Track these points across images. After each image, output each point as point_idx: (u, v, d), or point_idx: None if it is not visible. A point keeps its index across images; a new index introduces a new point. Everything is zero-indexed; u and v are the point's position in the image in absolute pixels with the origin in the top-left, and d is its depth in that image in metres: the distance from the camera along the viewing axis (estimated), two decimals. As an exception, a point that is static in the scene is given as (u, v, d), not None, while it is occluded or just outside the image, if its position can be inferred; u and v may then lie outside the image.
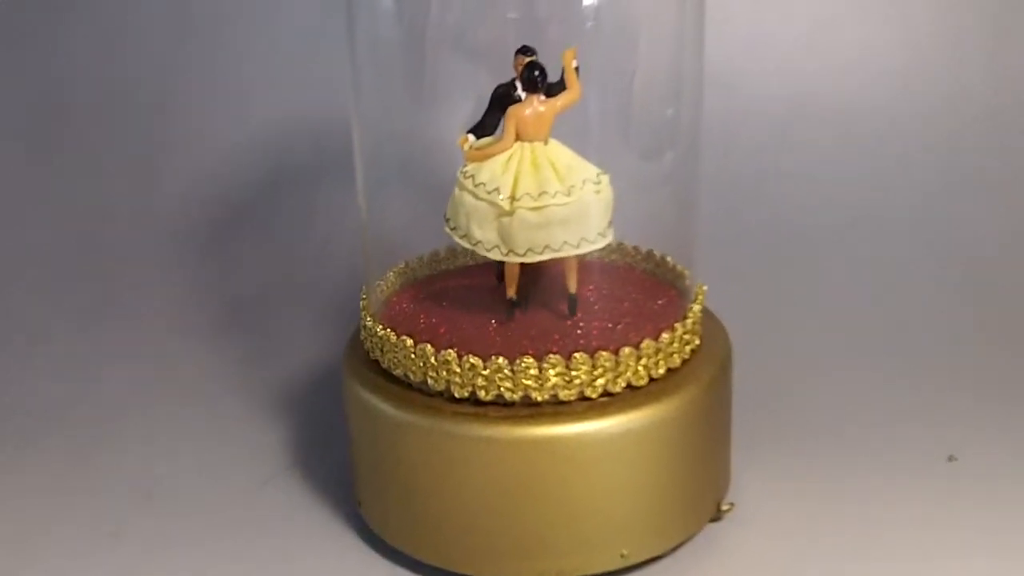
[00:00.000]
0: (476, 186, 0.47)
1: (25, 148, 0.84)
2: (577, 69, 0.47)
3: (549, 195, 0.46)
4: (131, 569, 0.51)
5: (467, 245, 0.48)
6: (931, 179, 0.76)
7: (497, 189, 0.47)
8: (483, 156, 0.47)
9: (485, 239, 0.47)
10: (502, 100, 0.48)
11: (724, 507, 0.51)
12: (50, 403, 0.66)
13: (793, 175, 0.76)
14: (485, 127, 0.49)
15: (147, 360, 0.71)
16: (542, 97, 0.47)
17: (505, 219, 0.47)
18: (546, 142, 0.48)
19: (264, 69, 0.81)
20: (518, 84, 0.48)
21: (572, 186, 0.47)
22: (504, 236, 0.47)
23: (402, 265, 0.55)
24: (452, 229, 0.48)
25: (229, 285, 0.78)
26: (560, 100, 0.47)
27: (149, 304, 0.77)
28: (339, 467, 0.56)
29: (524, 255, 0.47)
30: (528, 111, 0.47)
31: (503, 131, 0.47)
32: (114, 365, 0.71)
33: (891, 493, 0.53)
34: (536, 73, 0.47)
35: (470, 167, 0.47)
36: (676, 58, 0.51)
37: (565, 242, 0.47)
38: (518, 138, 0.47)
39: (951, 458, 0.55)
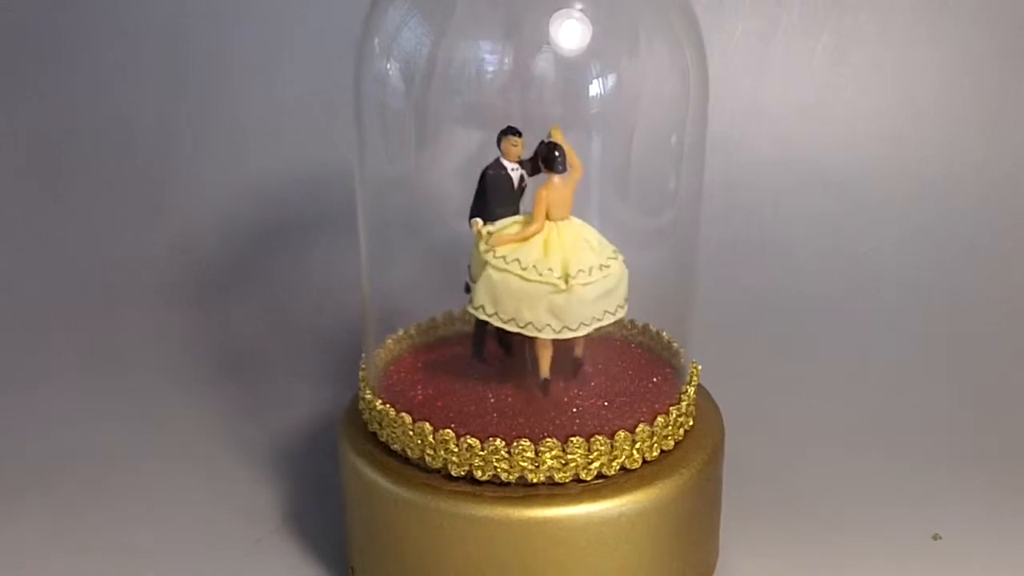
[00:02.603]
0: (524, 269, 0.47)
1: (22, 198, 0.84)
2: None
3: (597, 269, 0.48)
4: None
5: (513, 329, 0.48)
6: (926, 250, 0.77)
7: (551, 269, 0.47)
8: (515, 240, 0.48)
9: (536, 319, 0.48)
10: (503, 184, 0.49)
11: (713, 584, 0.52)
12: (40, 457, 0.66)
13: (790, 244, 0.77)
14: (492, 212, 0.49)
15: (140, 414, 0.71)
16: (561, 177, 0.48)
17: (559, 297, 0.47)
18: (568, 218, 0.49)
19: (263, 120, 0.82)
20: (506, 163, 0.49)
21: (609, 258, 0.49)
22: (558, 314, 0.48)
23: (400, 332, 0.56)
24: (491, 315, 0.48)
25: (224, 337, 0.78)
26: (573, 178, 0.48)
27: (143, 356, 0.77)
28: (332, 526, 0.57)
29: (577, 329, 0.48)
30: (556, 192, 0.48)
31: (535, 214, 0.48)
32: (106, 419, 0.71)
33: (877, 570, 0.54)
34: (557, 154, 0.48)
35: (504, 251, 0.48)
36: (678, 141, 0.52)
37: (605, 311, 0.49)
38: (547, 218, 0.48)
39: (936, 537, 0.56)
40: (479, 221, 0.49)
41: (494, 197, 0.49)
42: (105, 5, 0.83)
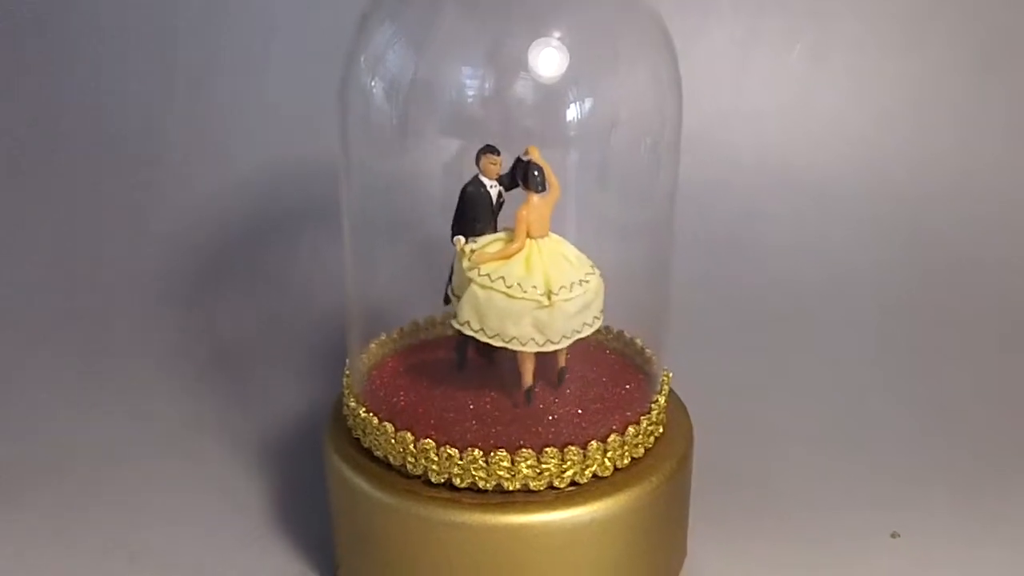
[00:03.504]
0: (509, 287, 0.49)
1: (11, 196, 0.85)
2: None
3: (577, 285, 0.50)
4: None
5: (499, 343, 0.50)
6: (899, 253, 0.79)
7: (535, 286, 0.49)
8: (497, 258, 0.50)
9: (520, 334, 0.50)
10: (482, 201, 0.51)
11: (681, 581, 0.54)
12: (29, 455, 0.68)
13: (764, 245, 0.79)
14: (472, 228, 0.51)
15: (129, 411, 0.73)
16: (540, 196, 0.50)
17: (543, 313, 0.49)
18: (547, 235, 0.51)
19: (251, 116, 0.83)
20: (485, 180, 0.51)
21: (587, 273, 0.51)
22: (542, 328, 0.50)
23: (383, 337, 0.58)
24: (477, 330, 0.50)
25: (213, 332, 0.79)
26: (551, 197, 0.50)
27: (132, 352, 0.78)
28: (319, 522, 0.59)
29: (559, 342, 0.50)
30: (535, 211, 0.50)
31: (516, 233, 0.50)
32: (96, 415, 0.72)
33: (837, 567, 0.56)
34: (536, 173, 0.50)
35: (488, 269, 0.49)
36: (652, 156, 0.54)
37: (584, 323, 0.51)
38: (527, 236, 0.50)
39: (894, 535, 0.59)
40: (461, 239, 0.50)
41: (474, 213, 0.51)
42: (96, 2, 0.84)
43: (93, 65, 0.84)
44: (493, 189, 0.51)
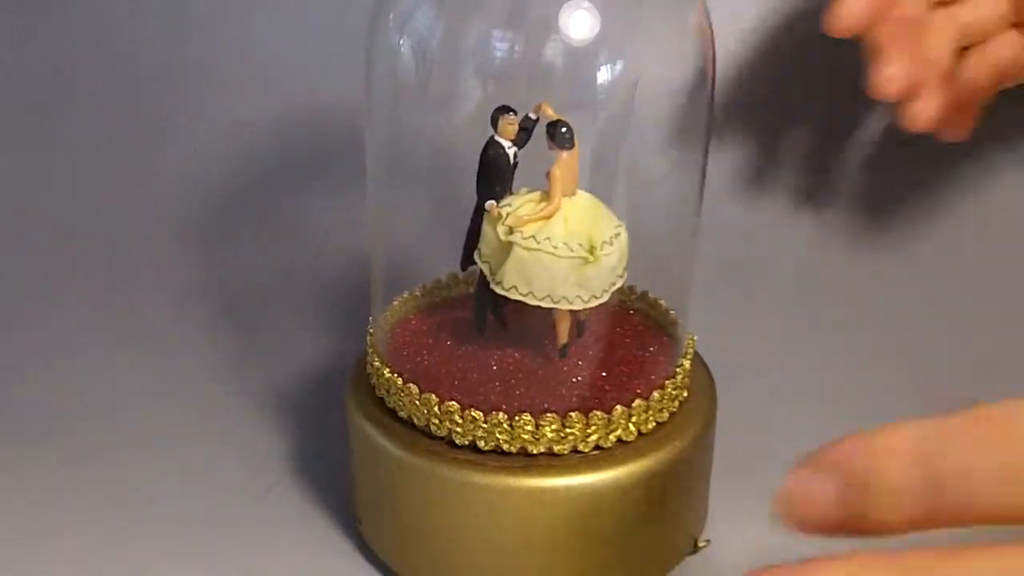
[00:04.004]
0: (556, 247, 0.49)
1: (26, 137, 0.84)
2: None
3: (614, 238, 0.50)
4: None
5: (548, 305, 0.50)
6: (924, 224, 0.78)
7: (580, 244, 0.49)
8: (535, 219, 0.49)
9: (568, 293, 0.50)
10: (503, 163, 0.50)
11: (701, 543, 0.54)
12: (40, 403, 0.68)
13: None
14: (499, 193, 0.50)
15: (145, 359, 0.73)
16: (569, 152, 0.49)
17: (588, 269, 0.49)
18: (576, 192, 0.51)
19: (270, 58, 0.82)
20: (502, 141, 0.50)
21: (616, 226, 0.51)
22: (585, 284, 0.50)
23: (406, 295, 0.58)
24: (525, 294, 0.50)
25: (229, 280, 0.79)
26: (576, 153, 0.50)
27: (148, 299, 0.78)
28: (338, 473, 0.59)
29: (600, 297, 0.50)
30: (567, 169, 0.49)
31: (551, 192, 0.49)
32: (110, 364, 0.72)
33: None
34: (564, 130, 0.49)
35: (530, 231, 0.49)
36: (680, 120, 0.53)
37: (618, 276, 0.51)
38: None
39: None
40: (495, 205, 0.50)
41: (497, 176, 0.50)
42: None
43: (107, 7, 0.83)
44: (511, 150, 0.51)
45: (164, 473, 0.62)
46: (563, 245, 0.49)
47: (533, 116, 0.51)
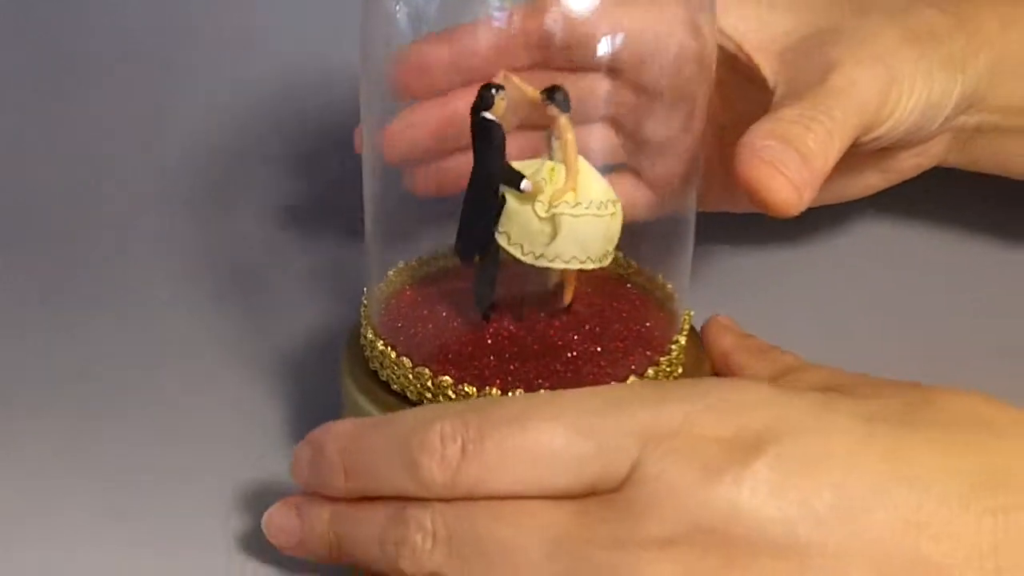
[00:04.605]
0: (599, 208, 0.49)
1: (23, 101, 0.83)
2: None
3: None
4: (132, 550, 0.53)
5: (594, 266, 0.50)
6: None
7: (612, 200, 0.49)
8: (568, 188, 0.48)
9: (601, 251, 0.50)
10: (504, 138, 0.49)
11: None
12: (42, 372, 0.67)
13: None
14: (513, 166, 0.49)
15: (143, 324, 0.72)
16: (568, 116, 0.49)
17: (614, 224, 0.50)
18: None
19: (266, 27, 0.81)
20: (492, 117, 0.48)
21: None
22: (612, 239, 0.50)
23: (401, 264, 0.57)
24: (584, 261, 0.49)
25: (227, 244, 0.78)
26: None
27: (146, 264, 0.78)
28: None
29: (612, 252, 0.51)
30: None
31: (570, 157, 0.48)
32: (109, 331, 0.72)
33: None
34: (563, 95, 0.48)
35: (570, 199, 0.48)
36: (679, 90, 0.52)
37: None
38: None
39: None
40: (536, 181, 0.48)
41: (503, 157, 0.49)
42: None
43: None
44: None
45: (161, 437, 0.61)
46: (603, 205, 0.49)
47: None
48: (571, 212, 0.48)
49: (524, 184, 0.48)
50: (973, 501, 0.36)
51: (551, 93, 0.48)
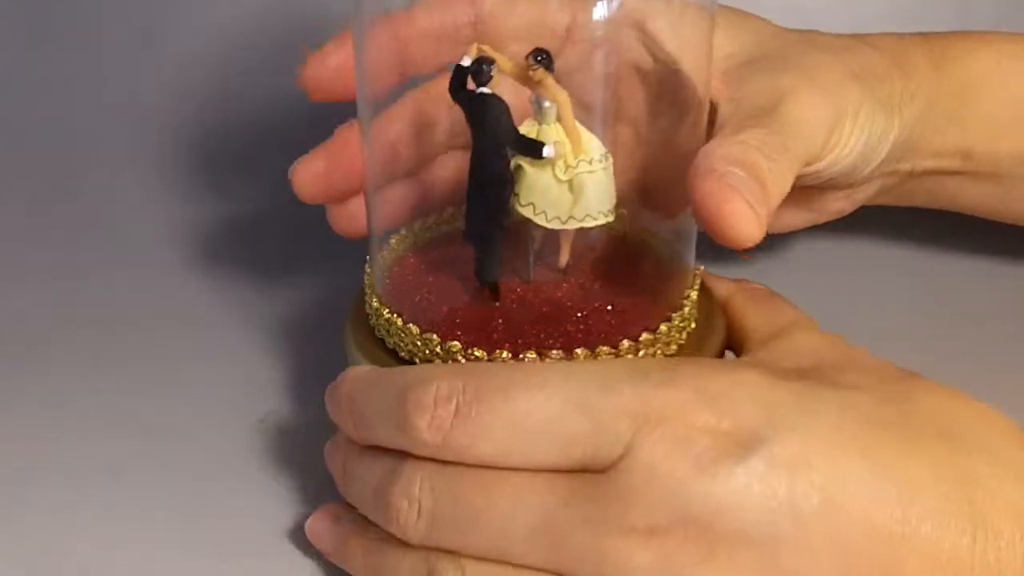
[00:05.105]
0: (601, 160, 0.48)
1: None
2: None
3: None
4: (131, 507, 0.53)
5: (604, 222, 0.49)
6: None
7: (606, 154, 0.48)
8: (577, 149, 0.48)
9: (605, 207, 0.49)
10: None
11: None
12: (32, 327, 0.67)
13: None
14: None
15: (144, 283, 0.71)
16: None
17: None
18: None
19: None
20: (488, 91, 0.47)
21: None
22: (612, 195, 0.49)
23: (403, 231, 0.56)
24: (608, 213, 0.49)
25: (229, 206, 0.77)
26: None
27: (136, 223, 0.77)
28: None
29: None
30: None
31: (567, 114, 0.47)
32: (110, 288, 0.71)
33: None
34: (546, 56, 0.47)
35: (583, 157, 0.48)
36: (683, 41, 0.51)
37: None
38: None
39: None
40: (556, 145, 0.47)
41: (512, 123, 0.48)
42: None
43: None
44: None
45: (160, 399, 0.61)
46: (602, 158, 0.48)
47: (467, 62, 0.47)
48: (589, 170, 0.47)
49: (547, 151, 0.47)
50: (952, 518, 0.38)
51: (536, 56, 0.47)
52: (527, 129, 0.48)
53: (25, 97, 0.84)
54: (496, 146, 0.47)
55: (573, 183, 0.48)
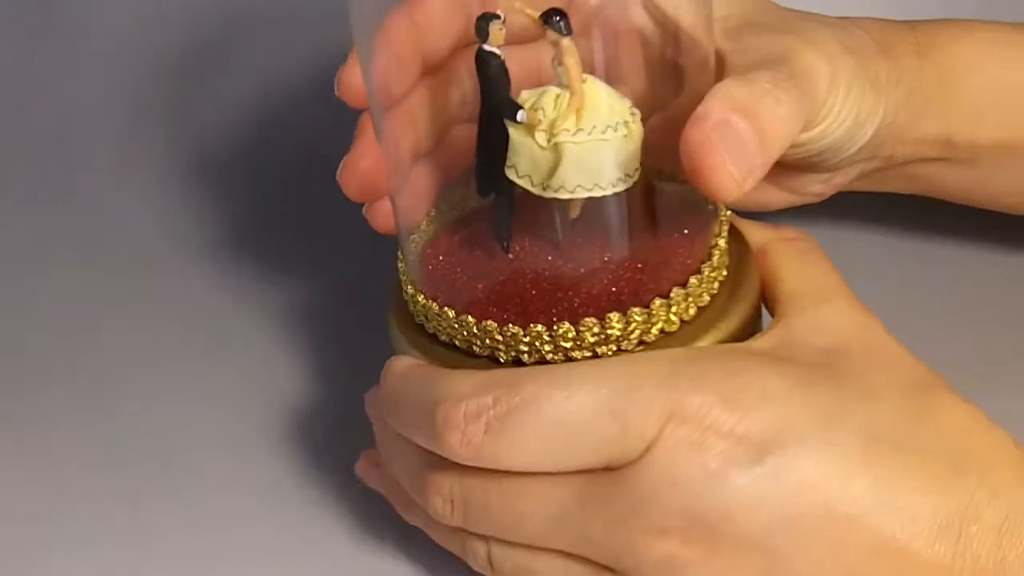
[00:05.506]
0: (603, 133, 0.48)
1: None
2: None
3: (634, 113, 0.49)
4: (151, 539, 0.55)
5: (605, 193, 0.49)
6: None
7: (617, 124, 0.48)
8: (571, 115, 0.47)
9: (613, 177, 0.49)
10: (506, 72, 0.48)
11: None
12: (46, 349, 0.68)
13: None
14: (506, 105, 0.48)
15: (152, 290, 0.73)
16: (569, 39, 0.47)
17: (630, 145, 0.49)
18: None
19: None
20: (495, 51, 0.47)
21: (632, 106, 0.49)
22: (625, 165, 0.49)
23: (432, 212, 0.57)
24: (591, 188, 0.48)
25: (229, 199, 0.79)
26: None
27: (150, 232, 0.78)
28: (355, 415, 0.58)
29: (634, 175, 0.49)
30: (577, 56, 0.47)
31: (574, 79, 0.47)
32: (119, 286, 0.73)
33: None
34: (560, 18, 0.47)
35: (573, 127, 0.47)
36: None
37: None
38: None
39: None
40: (532, 112, 0.47)
41: (504, 88, 0.48)
42: None
43: None
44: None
45: (178, 425, 0.62)
46: (609, 128, 0.48)
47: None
48: (572, 140, 0.47)
49: (520, 115, 0.47)
50: (942, 545, 0.40)
51: (548, 17, 0.47)
52: (539, 91, 0.48)
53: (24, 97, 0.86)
54: (489, 105, 0.48)
55: (557, 150, 0.48)
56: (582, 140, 0.47)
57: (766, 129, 0.46)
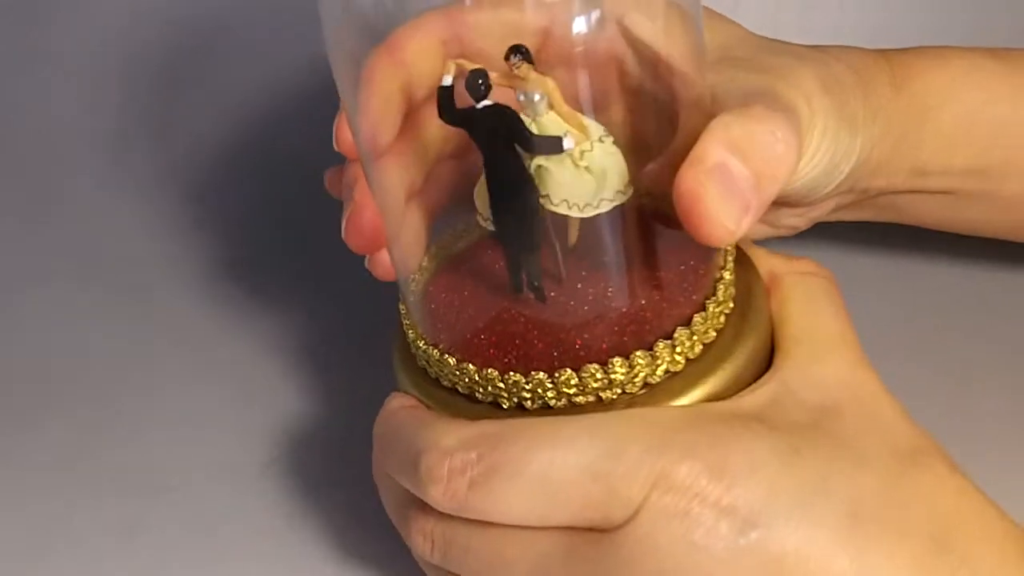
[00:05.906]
0: (605, 139, 0.47)
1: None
2: None
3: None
4: (150, 566, 0.55)
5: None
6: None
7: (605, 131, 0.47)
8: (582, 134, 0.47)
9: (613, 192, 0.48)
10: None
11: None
12: (43, 377, 0.68)
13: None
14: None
15: (146, 316, 0.73)
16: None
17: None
18: None
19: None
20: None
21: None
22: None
23: (433, 249, 0.56)
24: (615, 196, 0.47)
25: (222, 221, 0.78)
26: None
27: (141, 255, 0.78)
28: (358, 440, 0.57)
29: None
30: None
31: (559, 102, 0.46)
32: (112, 326, 0.72)
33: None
34: (525, 49, 0.46)
35: (586, 145, 0.47)
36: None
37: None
38: None
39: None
40: (577, 139, 0.46)
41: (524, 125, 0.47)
42: None
43: None
44: None
45: (174, 451, 0.62)
46: (603, 138, 0.47)
47: (449, 81, 0.46)
48: (604, 150, 0.47)
49: (566, 143, 0.45)
50: None
51: (514, 52, 0.46)
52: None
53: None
54: (516, 154, 0.47)
55: (592, 166, 0.47)
56: (608, 144, 0.47)
57: (763, 172, 0.45)
